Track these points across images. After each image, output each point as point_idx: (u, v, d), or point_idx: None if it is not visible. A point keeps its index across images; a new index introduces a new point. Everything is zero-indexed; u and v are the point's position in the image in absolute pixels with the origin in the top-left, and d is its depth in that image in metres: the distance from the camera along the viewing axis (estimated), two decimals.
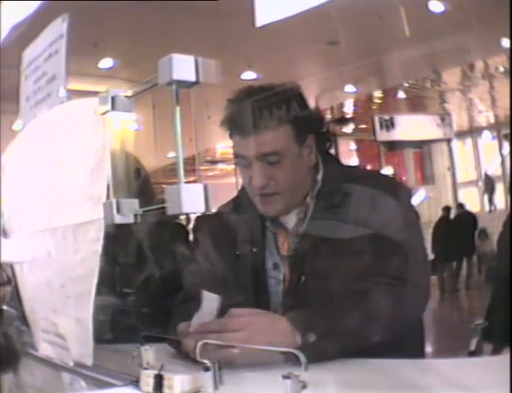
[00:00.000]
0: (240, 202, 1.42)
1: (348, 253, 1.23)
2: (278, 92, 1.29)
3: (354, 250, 1.23)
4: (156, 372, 0.97)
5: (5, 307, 1.50)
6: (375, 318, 1.12)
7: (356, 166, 1.56)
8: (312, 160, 1.34)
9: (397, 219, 1.25)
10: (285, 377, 0.78)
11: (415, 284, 1.19)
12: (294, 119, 1.28)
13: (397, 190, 1.33)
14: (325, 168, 1.36)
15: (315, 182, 1.34)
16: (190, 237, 1.99)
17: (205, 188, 0.93)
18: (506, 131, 8.44)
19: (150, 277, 1.66)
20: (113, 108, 1.07)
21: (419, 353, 1.34)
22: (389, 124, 7.68)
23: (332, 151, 1.47)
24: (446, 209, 8.66)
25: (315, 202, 1.33)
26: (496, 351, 1.32)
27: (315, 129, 1.36)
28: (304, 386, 0.77)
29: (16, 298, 1.49)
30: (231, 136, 1.34)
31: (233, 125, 1.31)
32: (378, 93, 8.26)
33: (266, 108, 1.25)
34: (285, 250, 1.35)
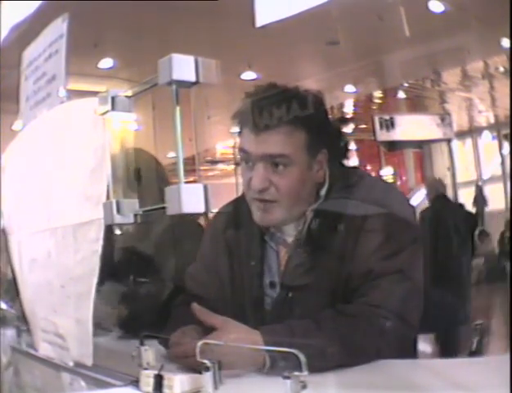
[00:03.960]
0: (239, 210, 1.34)
1: (339, 271, 1.18)
2: (300, 96, 1.22)
3: (346, 270, 1.17)
4: (156, 372, 0.97)
5: (3, 306, 1.50)
6: (345, 343, 1.06)
7: (361, 178, 1.31)
8: (320, 176, 1.26)
9: (396, 246, 1.17)
10: (285, 377, 0.78)
11: (400, 318, 1.13)
12: (311, 128, 1.21)
13: (403, 216, 1.23)
14: (330, 183, 1.27)
15: (318, 197, 1.26)
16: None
17: (205, 188, 0.93)
18: (506, 131, 8.42)
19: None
20: (113, 108, 1.07)
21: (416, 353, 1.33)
22: (389, 124, 7.67)
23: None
24: None
25: (313, 216, 1.25)
26: None
27: (330, 144, 1.27)
28: (304, 386, 0.77)
29: (16, 298, 1.49)
30: (240, 132, 1.25)
31: (246, 119, 1.22)
32: (378, 93, 8.25)
33: (284, 108, 1.17)
34: (283, 266, 1.28)
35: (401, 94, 8.25)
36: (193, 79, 0.93)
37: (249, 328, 1.10)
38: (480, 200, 9.27)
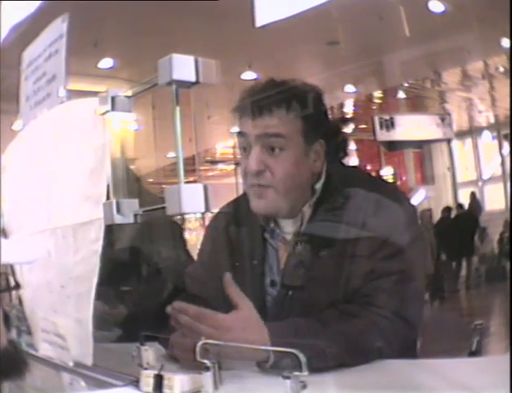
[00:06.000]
0: (239, 210, 1.34)
1: (339, 270, 1.17)
2: (298, 86, 1.26)
3: (345, 269, 1.17)
4: (156, 372, 0.97)
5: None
6: (347, 342, 1.06)
7: (360, 176, 1.37)
8: (316, 166, 1.27)
9: (397, 246, 1.17)
10: (285, 377, 0.78)
11: (401, 318, 1.13)
12: (307, 114, 1.23)
13: (404, 216, 1.23)
14: (326, 177, 1.28)
15: (313, 191, 1.27)
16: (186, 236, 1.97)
17: (205, 188, 0.93)
18: (506, 131, 8.42)
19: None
20: (113, 108, 1.07)
21: (416, 353, 1.33)
22: (389, 124, 7.68)
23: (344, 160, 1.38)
24: (447, 209, 8.68)
25: (311, 212, 1.25)
26: None
27: (328, 136, 1.28)
28: (304, 386, 0.78)
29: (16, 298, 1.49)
30: (239, 122, 1.26)
31: (245, 107, 1.25)
32: (378, 93, 8.26)
33: (281, 94, 1.21)
34: (283, 265, 1.28)
35: (401, 94, 8.26)
36: (193, 79, 0.93)
37: (261, 321, 1.09)
38: (475, 206, 9.30)
